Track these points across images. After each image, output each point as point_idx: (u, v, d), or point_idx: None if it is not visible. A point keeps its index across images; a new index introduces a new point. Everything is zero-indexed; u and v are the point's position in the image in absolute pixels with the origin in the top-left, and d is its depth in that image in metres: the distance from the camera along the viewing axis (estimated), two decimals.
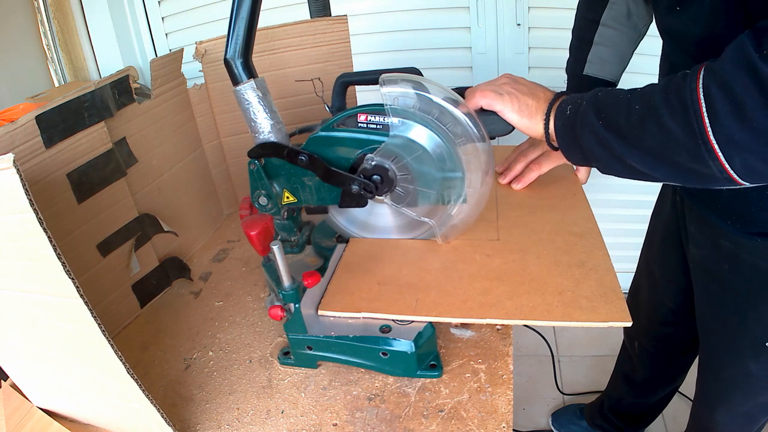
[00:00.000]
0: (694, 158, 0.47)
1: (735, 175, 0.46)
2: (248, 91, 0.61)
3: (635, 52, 0.84)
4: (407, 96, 0.62)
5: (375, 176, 0.64)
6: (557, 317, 0.56)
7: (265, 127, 0.63)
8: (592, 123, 0.54)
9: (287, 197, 0.68)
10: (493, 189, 0.83)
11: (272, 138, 0.64)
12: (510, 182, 0.82)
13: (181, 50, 0.89)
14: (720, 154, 0.45)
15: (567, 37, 1.30)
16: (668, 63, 0.72)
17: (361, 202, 0.67)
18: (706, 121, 0.45)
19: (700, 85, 0.45)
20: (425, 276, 0.65)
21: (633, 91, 0.53)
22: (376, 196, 0.66)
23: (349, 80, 0.69)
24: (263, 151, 0.65)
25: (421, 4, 1.39)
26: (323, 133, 0.64)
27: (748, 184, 0.47)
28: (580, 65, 0.84)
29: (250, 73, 0.61)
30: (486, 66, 1.41)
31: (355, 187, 0.64)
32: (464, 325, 0.68)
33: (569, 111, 0.58)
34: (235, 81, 0.61)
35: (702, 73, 0.46)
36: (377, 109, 0.63)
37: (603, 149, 0.54)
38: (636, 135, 0.51)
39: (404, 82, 0.62)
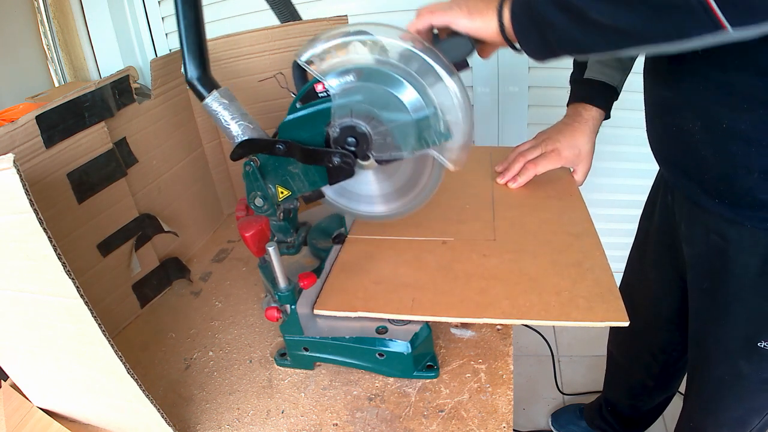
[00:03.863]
0: None
1: (716, 6, 0.41)
2: (213, 102, 0.64)
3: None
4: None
5: (349, 139, 0.62)
6: (554, 317, 0.56)
7: (237, 130, 0.65)
8: None
9: (281, 192, 0.68)
10: (489, 190, 0.83)
11: (246, 136, 0.64)
12: (507, 182, 0.83)
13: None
14: None
15: None
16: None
17: (347, 172, 0.65)
18: None
19: None
20: (421, 276, 0.65)
21: None
22: (362, 161, 0.64)
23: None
24: (242, 150, 0.65)
25: (421, 4, 1.39)
26: (290, 117, 0.63)
27: (732, 31, 0.42)
28: (581, 72, 0.85)
29: (212, 86, 0.64)
30: (486, 66, 1.41)
31: (336, 159, 0.62)
32: (464, 325, 0.68)
33: None
34: (201, 97, 0.64)
35: None
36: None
37: (561, 12, 0.50)
38: None
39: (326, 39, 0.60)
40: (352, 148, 0.62)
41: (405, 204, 0.69)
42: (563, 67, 1.22)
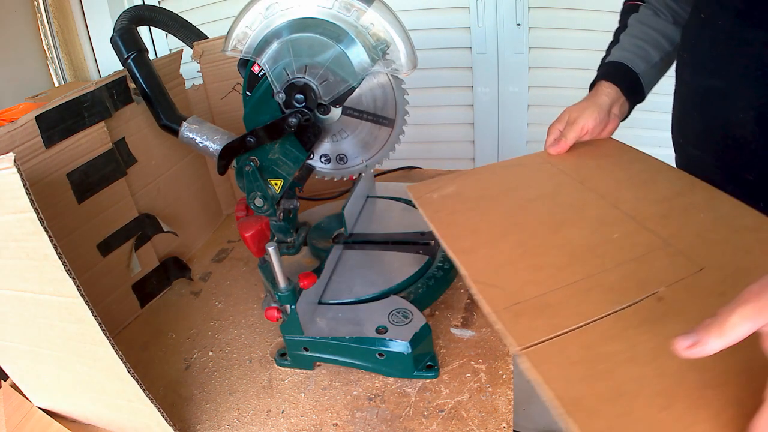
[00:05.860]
0: None
1: None
2: (185, 132, 0.72)
3: None
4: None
5: (297, 96, 0.62)
6: None
7: (213, 146, 0.70)
8: None
9: (275, 184, 0.69)
10: (597, 199, 0.57)
11: (221, 147, 0.69)
12: (557, 150, 0.71)
13: (180, 51, 0.89)
14: None
15: (567, 37, 1.30)
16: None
17: (315, 130, 0.65)
18: None
19: None
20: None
21: None
22: (323, 115, 0.64)
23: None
24: (224, 160, 0.68)
25: (421, 4, 1.39)
26: (246, 109, 0.65)
27: None
28: (607, 54, 0.83)
29: (180, 120, 0.72)
30: (486, 66, 1.41)
31: (293, 120, 0.63)
32: (464, 325, 0.67)
33: None
34: (176, 133, 0.73)
35: None
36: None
37: None
38: None
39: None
40: (303, 104, 0.63)
41: (392, 132, 0.69)
42: (563, 67, 1.23)
